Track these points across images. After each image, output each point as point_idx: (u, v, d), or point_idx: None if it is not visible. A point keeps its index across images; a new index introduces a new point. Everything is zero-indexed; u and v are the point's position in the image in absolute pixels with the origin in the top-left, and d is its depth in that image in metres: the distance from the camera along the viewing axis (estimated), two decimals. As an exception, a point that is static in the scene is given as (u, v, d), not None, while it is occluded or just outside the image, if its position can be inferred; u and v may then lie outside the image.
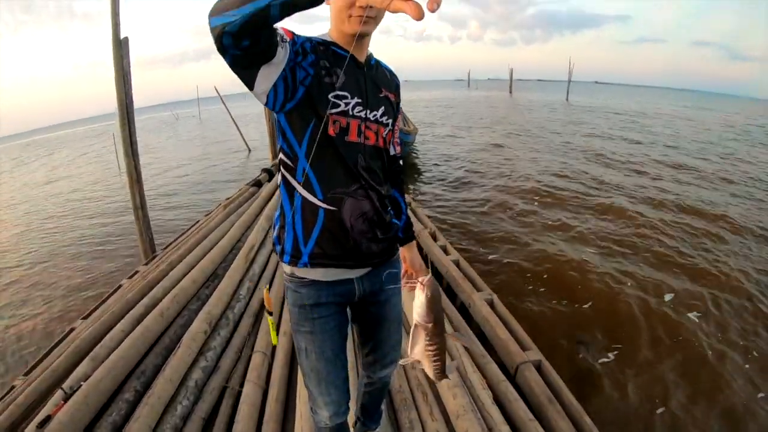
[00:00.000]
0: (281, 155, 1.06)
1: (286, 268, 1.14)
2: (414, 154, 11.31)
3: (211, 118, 36.30)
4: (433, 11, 0.53)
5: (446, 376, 1.02)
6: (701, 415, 2.67)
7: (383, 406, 1.70)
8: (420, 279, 0.83)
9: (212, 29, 0.73)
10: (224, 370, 2.30)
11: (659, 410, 2.72)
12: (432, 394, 1.96)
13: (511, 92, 48.50)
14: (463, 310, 3.00)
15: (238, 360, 2.43)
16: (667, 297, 3.97)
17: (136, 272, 3.93)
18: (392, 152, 1.26)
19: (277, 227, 1.13)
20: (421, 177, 9.26)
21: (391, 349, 1.35)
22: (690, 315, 3.70)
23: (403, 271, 1.39)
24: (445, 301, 2.97)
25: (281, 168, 1.08)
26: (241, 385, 2.20)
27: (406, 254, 1.39)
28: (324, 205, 1.04)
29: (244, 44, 0.76)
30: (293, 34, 0.95)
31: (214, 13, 0.72)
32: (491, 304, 2.92)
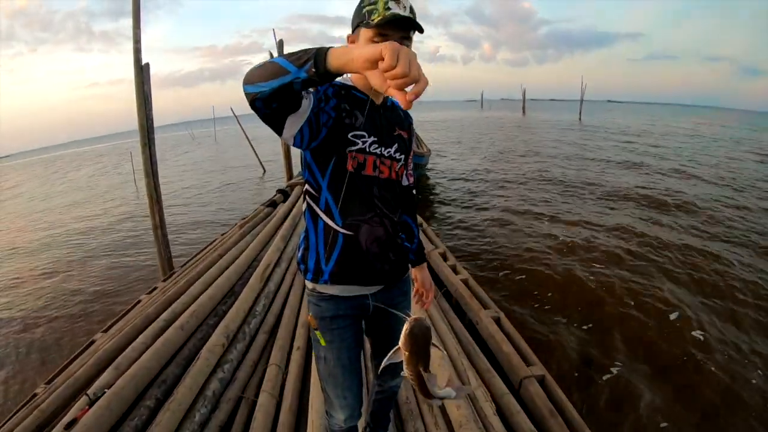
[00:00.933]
0: (306, 186, 1.20)
1: (309, 284, 1.27)
2: (427, 178, 11.36)
3: (227, 138, 37.08)
4: (413, 100, 0.69)
5: (431, 396, 0.98)
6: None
7: (391, 415, 1.80)
8: (412, 317, 0.91)
9: (246, 95, 0.88)
10: (240, 381, 2.40)
11: (663, 424, 2.74)
12: (436, 405, 2.04)
13: (524, 113, 48.67)
14: (471, 327, 3.07)
15: (253, 372, 2.54)
16: (673, 315, 3.98)
17: (155, 288, 4.09)
18: (404, 183, 1.40)
19: (301, 248, 1.27)
20: (435, 200, 9.28)
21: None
22: (695, 333, 3.71)
23: (414, 290, 1.52)
24: (453, 318, 3.06)
25: (306, 197, 1.22)
26: (256, 395, 2.30)
27: (418, 275, 1.53)
28: (343, 231, 1.17)
29: (273, 106, 0.90)
30: None
31: (247, 83, 0.87)
32: (498, 322, 3.00)
